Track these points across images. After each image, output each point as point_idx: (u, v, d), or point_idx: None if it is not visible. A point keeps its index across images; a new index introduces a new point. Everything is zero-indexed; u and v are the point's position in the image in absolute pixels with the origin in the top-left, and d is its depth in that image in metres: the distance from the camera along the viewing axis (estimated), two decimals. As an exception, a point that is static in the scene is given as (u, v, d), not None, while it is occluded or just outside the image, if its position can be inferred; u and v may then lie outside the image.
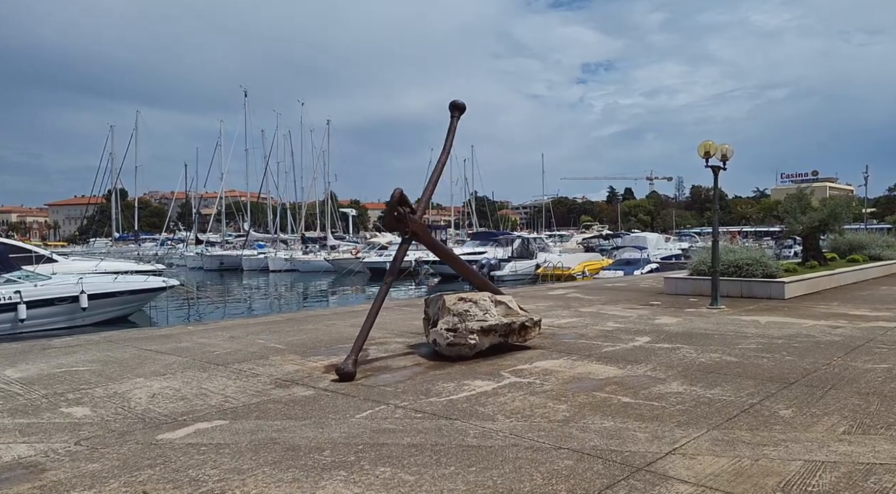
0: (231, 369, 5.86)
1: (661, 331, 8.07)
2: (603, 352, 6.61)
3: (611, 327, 8.50)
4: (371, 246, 41.30)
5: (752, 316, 9.55)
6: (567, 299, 12.55)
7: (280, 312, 14.89)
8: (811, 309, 10.36)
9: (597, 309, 10.64)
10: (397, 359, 6.31)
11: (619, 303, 11.62)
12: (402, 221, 5.73)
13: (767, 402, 4.58)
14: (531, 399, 4.70)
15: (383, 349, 6.95)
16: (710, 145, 10.35)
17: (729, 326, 8.45)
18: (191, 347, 7.11)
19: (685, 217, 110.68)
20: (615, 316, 9.62)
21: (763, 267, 12.34)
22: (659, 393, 4.88)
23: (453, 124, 6.71)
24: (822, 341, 7.19)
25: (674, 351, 6.63)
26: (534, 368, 5.84)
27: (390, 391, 4.95)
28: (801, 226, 15.55)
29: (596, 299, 12.47)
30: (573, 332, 8.06)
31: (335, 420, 4.12)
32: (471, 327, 6.21)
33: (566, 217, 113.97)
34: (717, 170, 10.68)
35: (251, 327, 8.84)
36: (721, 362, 6.05)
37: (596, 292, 14.08)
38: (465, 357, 6.25)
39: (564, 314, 10.06)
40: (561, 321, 9.20)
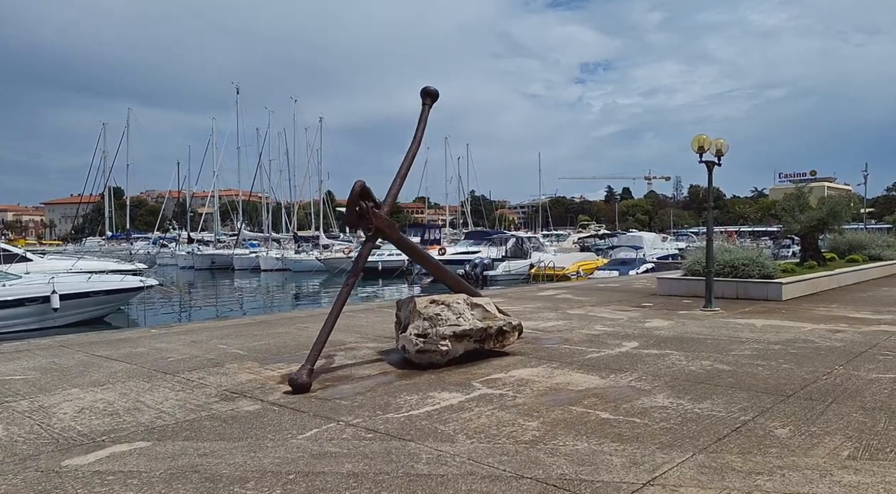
0: (179, 378, 5.37)
1: (650, 336, 7.60)
2: (586, 359, 6.14)
3: (598, 331, 8.03)
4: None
5: (748, 318, 9.09)
6: (556, 300, 12.08)
7: (258, 314, 14.40)
8: (810, 311, 9.90)
9: (585, 312, 10.17)
10: (363, 367, 5.84)
11: (610, 305, 11.15)
12: (364, 217, 5.24)
13: (762, 419, 4.11)
14: (500, 414, 4.22)
15: (351, 355, 6.47)
16: (703, 139, 9.89)
17: (723, 330, 7.99)
18: (145, 353, 6.63)
19: (683, 216, 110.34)
20: (604, 319, 9.15)
21: (760, 267, 11.89)
22: (642, 407, 4.41)
23: (425, 112, 6.23)
24: (822, 347, 6.73)
25: (662, 358, 6.16)
26: (509, 377, 5.37)
27: (345, 405, 4.47)
28: (800, 225, 15.10)
29: (586, 300, 12.00)
30: (557, 337, 7.59)
31: (273, 441, 3.64)
32: (442, 332, 5.74)
33: (564, 216, 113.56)
34: (712, 165, 10.22)
35: (218, 330, 8.36)
36: (712, 371, 5.58)
37: (587, 293, 13.62)
38: (437, 365, 5.78)
39: (551, 316, 9.59)
40: (546, 324, 8.73)
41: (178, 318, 18.00)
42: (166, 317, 18.85)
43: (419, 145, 6.07)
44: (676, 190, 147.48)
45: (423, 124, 6.16)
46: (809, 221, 14.97)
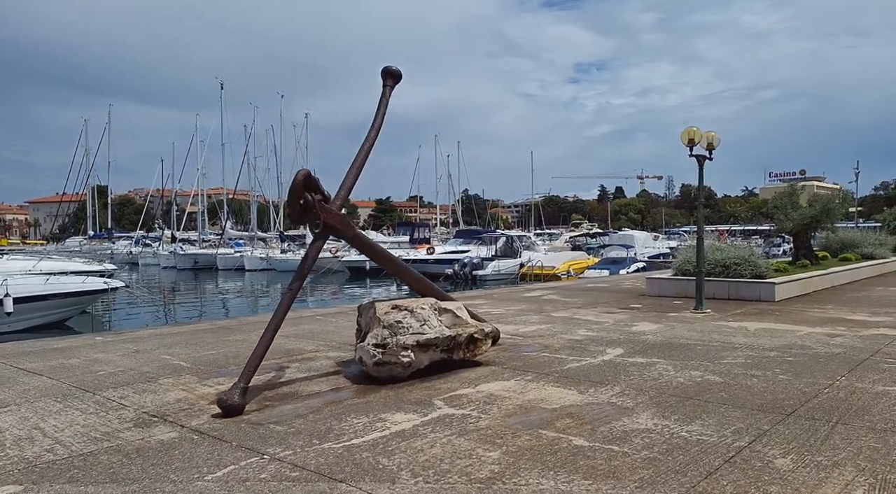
0: (98, 398, 4.74)
1: (637, 341, 7.03)
2: (565, 370, 5.56)
3: (581, 336, 7.45)
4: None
5: (740, 321, 8.55)
6: (542, 302, 11.51)
7: (224, 318, 13.75)
8: (804, 313, 9.38)
9: (571, 314, 9.60)
10: (314, 382, 5.22)
11: (597, 307, 10.59)
12: (310, 211, 4.62)
13: (759, 445, 3.53)
14: (457, 442, 3.62)
15: (306, 367, 5.85)
16: (694, 132, 9.34)
17: (714, 334, 7.43)
18: (76, 366, 5.98)
19: (675, 215, 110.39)
20: (589, 323, 8.58)
21: (752, 266, 11.37)
22: (623, 430, 3.83)
23: (385, 95, 5.62)
24: (821, 354, 6.18)
25: (648, 368, 5.59)
26: (476, 393, 4.77)
27: (279, 432, 3.86)
28: (792, 223, 14.62)
29: (573, 302, 11.43)
30: (537, 343, 7.01)
31: (174, 484, 3.02)
32: (404, 342, 5.13)
33: (557, 215, 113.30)
34: (703, 159, 9.67)
35: (170, 337, 7.71)
36: (703, 383, 5.01)
37: (574, 293, 13.06)
38: (399, 378, 5.17)
39: (534, 319, 9.01)
40: (527, 328, 8.15)
41: (146, 322, 17.30)
42: (134, 322, 18.13)
43: (378, 133, 5.46)
44: (668, 189, 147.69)
45: (384, 109, 5.55)
46: (802, 219, 14.50)
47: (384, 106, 5.57)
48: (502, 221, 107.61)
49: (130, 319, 18.78)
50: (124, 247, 53.46)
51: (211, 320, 10.39)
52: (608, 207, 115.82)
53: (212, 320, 10.35)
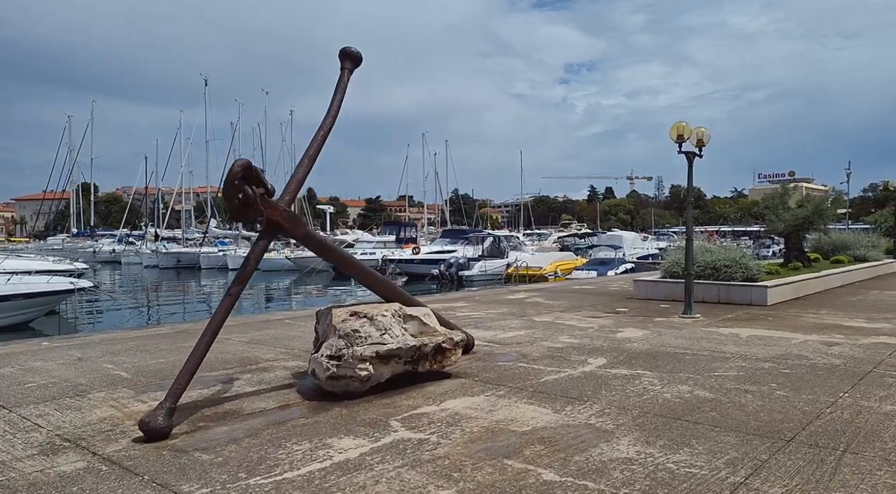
0: (13, 415, 4.18)
1: (621, 349, 6.56)
2: (541, 383, 5.07)
3: (563, 343, 6.97)
4: (338, 243, 39.32)
5: (731, 327, 8.11)
6: (525, 304, 11.03)
7: (188, 321, 13.17)
8: (799, 318, 8.97)
9: (553, 318, 9.12)
10: (261, 398, 4.69)
11: (582, 310, 10.13)
12: (251, 206, 4.07)
13: (757, 480, 3.06)
14: (408, 476, 3.12)
15: (257, 379, 5.32)
16: (683, 127, 8.89)
17: (703, 342, 6.98)
18: (7, 375, 5.41)
19: (664, 216, 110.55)
20: (572, 328, 8.10)
21: (743, 269, 10.95)
22: (600, 459, 3.34)
23: (343, 79, 5.10)
24: (819, 365, 5.74)
25: (633, 381, 5.11)
26: (439, 412, 4.27)
27: (204, 461, 3.33)
28: (784, 224, 14.25)
29: (557, 305, 10.97)
30: (514, 351, 6.52)
31: (53, 533, 2.49)
32: (361, 353, 4.62)
33: (547, 216, 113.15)
34: (692, 157, 9.23)
35: (120, 343, 7.14)
36: (692, 400, 4.54)
37: (559, 296, 12.59)
38: (356, 393, 4.66)
39: (514, 324, 8.52)
40: (506, 334, 7.66)
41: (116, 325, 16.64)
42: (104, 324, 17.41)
43: (334, 121, 4.94)
44: (658, 190, 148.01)
45: (341, 95, 5.03)
46: (794, 220, 14.13)
47: (342, 91, 5.05)
48: (492, 221, 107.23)
49: (100, 321, 18.07)
50: (107, 246, 52.50)
51: (172, 324, 9.82)
52: (598, 208, 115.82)
53: (173, 324, 9.78)
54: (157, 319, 17.94)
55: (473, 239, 32.81)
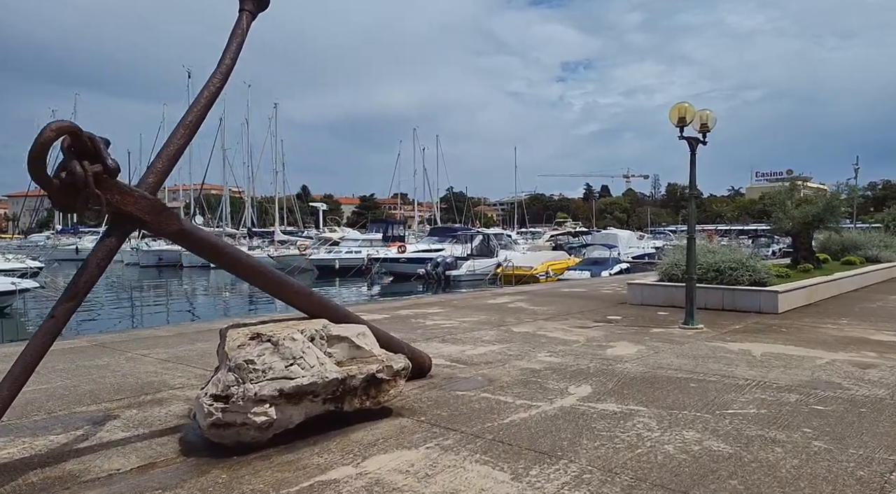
0: None
1: (611, 373, 5.38)
2: (505, 426, 3.89)
3: (541, 362, 5.79)
4: (322, 241, 38.10)
5: (741, 341, 6.94)
6: (505, 311, 9.85)
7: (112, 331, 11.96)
8: (817, 329, 7.81)
9: (535, 328, 7.95)
10: (125, 451, 3.49)
11: (569, 318, 8.96)
12: (82, 190, 2.80)
13: None
14: None
15: (142, 417, 4.12)
16: (685, 109, 7.71)
17: (710, 362, 5.81)
18: None
19: (661, 215, 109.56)
20: (554, 342, 6.92)
21: (750, 271, 9.79)
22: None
23: (241, 25, 3.89)
24: (859, 398, 4.56)
25: (623, 423, 3.93)
26: (356, 480, 3.08)
27: None
28: (792, 222, 13.11)
29: (541, 311, 9.79)
30: (480, 375, 5.33)
31: None
32: (257, 392, 3.42)
33: (542, 214, 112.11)
34: (695, 143, 8.05)
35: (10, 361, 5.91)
36: (702, 456, 3.36)
37: (546, 300, 11.42)
38: (255, 444, 3.47)
39: (489, 336, 7.34)
40: (476, 350, 6.47)
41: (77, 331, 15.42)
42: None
43: (225, 78, 3.73)
44: (654, 188, 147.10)
45: (237, 44, 3.81)
46: (803, 217, 12.99)
47: (238, 39, 3.83)
48: (487, 219, 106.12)
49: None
50: (90, 243, 51.05)
51: (94, 335, 8.58)
52: (594, 206, 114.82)
53: (95, 335, 8.55)
54: (107, 325, 16.62)
55: (462, 237, 31.58)
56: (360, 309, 10.49)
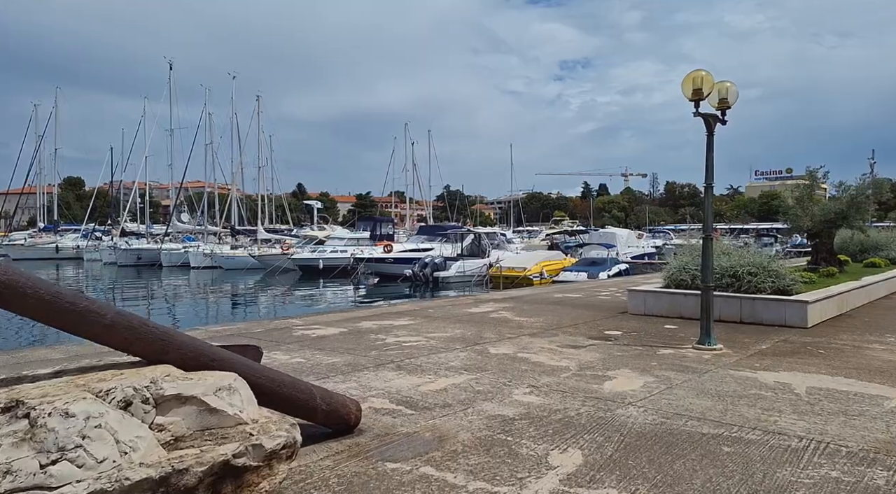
0: None
1: (610, 425, 3.90)
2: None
3: (516, 407, 4.30)
4: (307, 240, 36.53)
5: (775, 370, 5.47)
6: (485, 323, 8.37)
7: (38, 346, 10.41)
8: (862, 351, 6.34)
9: (517, 349, 6.46)
10: None
11: (559, 333, 7.48)
12: None
13: None
14: None
15: None
16: (702, 78, 6.23)
17: (743, 407, 4.33)
18: None
19: (659, 213, 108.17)
20: (538, 370, 5.44)
21: (773, 277, 8.33)
22: None
23: None
24: (976, 476, 3.08)
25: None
26: None
27: None
28: (812, 220, 11.65)
29: (529, 323, 8.31)
30: (429, 429, 3.84)
31: None
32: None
33: (540, 212, 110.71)
34: (714, 121, 6.57)
35: None
36: None
37: (535, 309, 9.94)
38: None
39: (457, 361, 5.85)
40: (436, 383, 4.99)
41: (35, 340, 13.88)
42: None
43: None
44: (653, 187, 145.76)
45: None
46: (825, 215, 11.53)
47: None
48: (484, 218, 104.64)
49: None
50: (71, 241, 49.51)
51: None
52: (591, 204, 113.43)
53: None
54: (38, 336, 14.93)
55: (452, 236, 30.04)
56: (318, 319, 9.01)
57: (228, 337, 7.37)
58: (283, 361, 5.92)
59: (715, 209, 48.96)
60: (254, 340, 7.17)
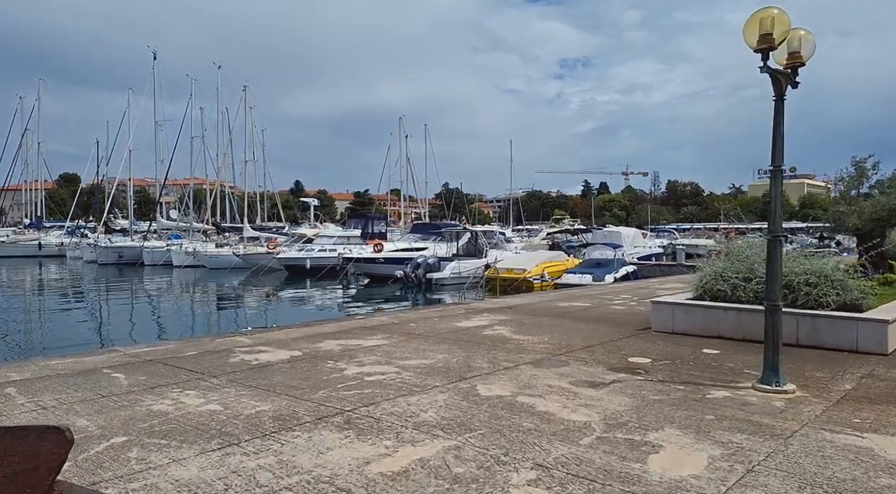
0: None
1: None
2: None
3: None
4: (296, 238, 34.76)
5: (885, 431, 3.78)
6: (477, 343, 6.69)
7: None
8: None
9: (516, 388, 4.78)
10: None
11: (570, 361, 5.80)
12: None
13: None
14: None
15: None
16: (772, 18, 4.53)
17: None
18: None
19: (661, 212, 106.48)
20: (547, 427, 3.75)
21: (839, 288, 6.63)
22: None
23: None
24: None
25: None
26: None
27: None
28: (860, 218, 9.97)
29: (530, 344, 6.63)
30: None
31: None
32: None
33: (539, 211, 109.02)
34: (784, 80, 4.87)
35: None
36: None
37: (538, 323, 8.27)
38: None
39: (430, 412, 4.16)
40: (391, 460, 3.31)
41: None
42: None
43: None
44: (654, 185, 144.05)
45: None
46: (877, 212, 9.83)
47: None
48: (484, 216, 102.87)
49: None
50: (55, 238, 47.78)
51: None
52: (592, 203, 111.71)
53: None
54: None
55: (447, 235, 28.29)
56: (271, 336, 7.32)
57: (146, 364, 5.68)
58: (191, 410, 4.24)
59: (717, 208, 46.72)
60: (178, 368, 5.48)
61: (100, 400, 4.55)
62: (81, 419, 4.08)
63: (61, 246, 45.52)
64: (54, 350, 12.45)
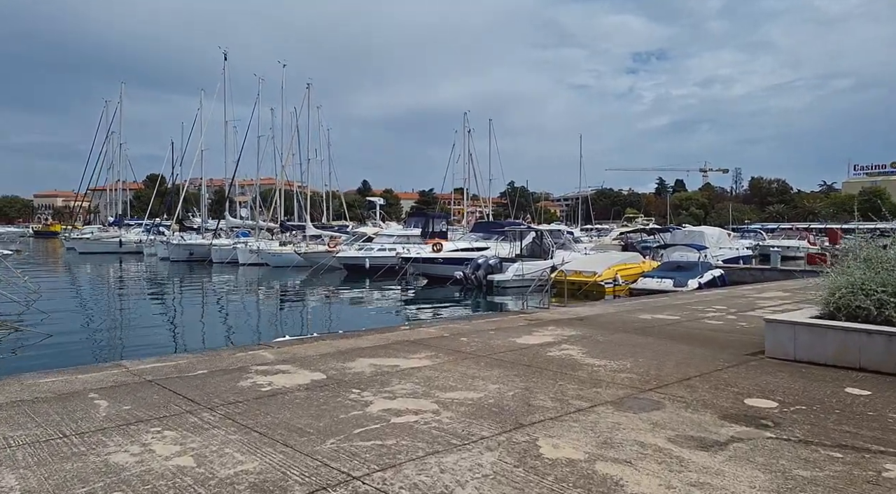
0: None
1: None
2: None
3: None
4: (356, 237, 34.34)
5: None
6: (540, 370, 5.36)
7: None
8: None
9: (593, 448, 3.43)
10: None
11: (665, 401, 4.37)
12: None
13: None
14: None
15: None
16: None
17: None
18: None
19: (744, 211, 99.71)
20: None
21: None
22: None
23: None
24: None
25: None
26: None
27: None
28: None
29: (608, 374, 5.22)
30: None
31: None
32: None
33: (610, 210, 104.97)
34: None
35: None
36: None
37: (615, 342, 6.81)
38: None
39: (470, 487, 2.88)
40: None
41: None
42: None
43: None
44: (736, 183, 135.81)
45: None
46: None
47: None
48: (550, 215, 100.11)
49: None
50: (135, 236, 50.07)
51: None
52: (667, 201, 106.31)
53: None
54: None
55: (510, 234, 26.78)
56: (297, 351, 6.28)
57: (141, 386, 4.72)
58: (154, 466, 3.16)
59: (807, 207, 42.17)
60: (174, 394, 4.31)
61: (54, 442, 3.58)
62: (10, 475, 3.11)
63: (139, 243, 47.53)
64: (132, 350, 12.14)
